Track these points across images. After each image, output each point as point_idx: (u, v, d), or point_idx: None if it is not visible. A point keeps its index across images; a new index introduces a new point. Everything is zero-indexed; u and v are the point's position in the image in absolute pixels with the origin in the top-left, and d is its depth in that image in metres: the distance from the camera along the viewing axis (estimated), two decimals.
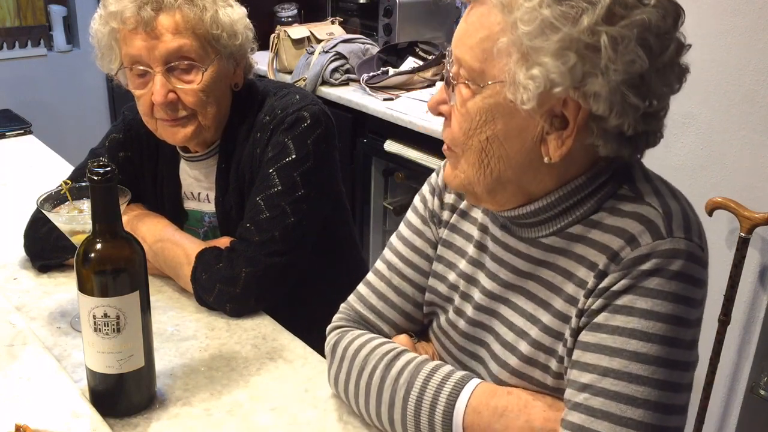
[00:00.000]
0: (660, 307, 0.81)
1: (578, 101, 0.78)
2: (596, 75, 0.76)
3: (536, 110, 0.80)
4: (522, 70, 0.78)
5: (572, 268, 0.88)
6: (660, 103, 0.82)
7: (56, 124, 3.68)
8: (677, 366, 0.82)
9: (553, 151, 0.82)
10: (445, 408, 0.92)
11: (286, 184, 1.32)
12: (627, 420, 0.80)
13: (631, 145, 0.84)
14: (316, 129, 1.35)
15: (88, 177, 0.93)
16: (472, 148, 0.86)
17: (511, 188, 0.88)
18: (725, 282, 1.76)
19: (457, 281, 1.02)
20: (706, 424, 1.89)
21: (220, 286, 1.28)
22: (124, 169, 1.46)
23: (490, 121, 0.83)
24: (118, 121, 1.54)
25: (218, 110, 1.36)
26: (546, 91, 0.77)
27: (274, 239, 1.30)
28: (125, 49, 1.30)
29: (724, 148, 1.78)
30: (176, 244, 1.36)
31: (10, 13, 3.69)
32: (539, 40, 0.76)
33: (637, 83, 0.78)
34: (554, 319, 0.90)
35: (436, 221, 1.06)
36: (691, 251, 0.82)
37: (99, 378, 1.02)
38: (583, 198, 0.87)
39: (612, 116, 0.79)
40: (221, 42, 1.31)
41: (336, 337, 1.07)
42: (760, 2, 1.65)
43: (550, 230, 0.90)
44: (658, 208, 0.84)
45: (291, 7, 3.45)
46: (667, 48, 0.79)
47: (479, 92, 0.83)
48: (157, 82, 1.28)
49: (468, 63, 0.83)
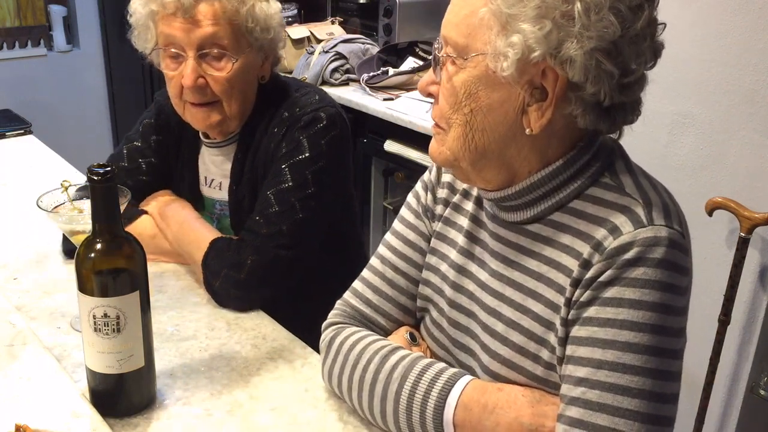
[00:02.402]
0: (648, 296, 0.83)
1: (555, 69, 0.82)
2: (571, 41, 0.80)
3: (517, 80, 0.83)
4: (502, 39, 0.82)
5: (558, 257, 0.90)
6: (635, 74, 0.84)
7: (56, 124, 3.68)
8: (667, 354, 0.84)
9: (534, 122, 0.86)
10: (436, 403, 0.93)
11: (297, 181, 1.35)
12: (624, 411, 0.82)
13: (608, 117, 0.87)
14: (331, 130, 1.38)
15: (88, 177, 0.94)
16: (457, 121, 0.89)
17: (495, 162, 0.91)
18: (725, 282, 1.76)
19: (448, 271, 1.04)
20: (706, 424, 1.89)
21: (226, 271, 1.31)
22: (157, 152, 1.54)
23: (474, 93, 0.87)
24: (150, 107, 1.59)
25: (243, 101, 1.41)
26: (524, 57, 0.81)
27: (281, 233, 1.32)
28: (162, 28, 1.33)
29: (724, 148, 1.78)
30: (195, 230, 1.41)
31: (10, 13, 3.69)
32: (517, 8, 0.81)
33: (611, 50, 0.81)
34: (545, 309, 0.91)
35: (429, 215, 1.08)
36: (672, 238, 0.84)
37: (99, 378, 1.02)
38: (565, 180, 0.90)
39: (588, 84, 0.82)
40: (254, 35, 1.35)
41: (332, 334, 1.08)
42: (760, 2, 1.65)
43: (533, 213, 0.92)
44: (638, 198, 0.87)
45: (291, 7, 3.45)
46: (639, 18, 0.82)
47: (464, 66, 0.87)
48: (188, 66, 1.32)
49: (453, 39, 0.88)
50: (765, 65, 1.67)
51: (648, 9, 0.83)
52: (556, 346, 0.90)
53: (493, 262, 0.97)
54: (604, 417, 0.82)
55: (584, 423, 0.83)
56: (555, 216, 0.91)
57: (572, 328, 0.87)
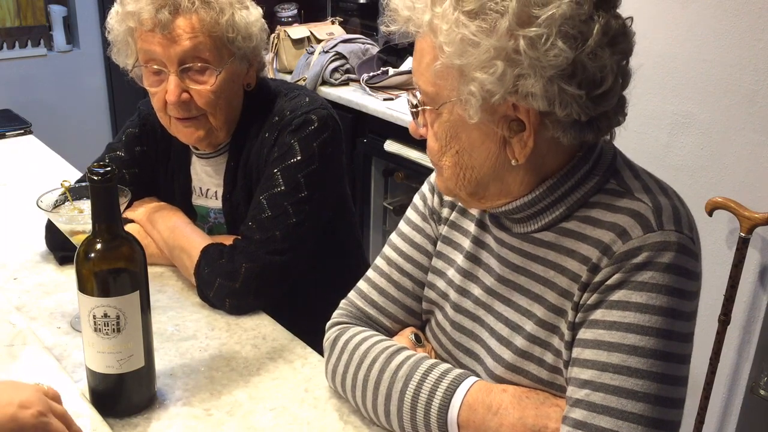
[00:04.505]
0: (655, 300, 0.82)
1: (520, 104, 0.81)
2: (526, 76, 0.79)
3: (490, 119, 0.84)
4: (463, 86, 0.82)
5: (564, 262, 0.90)
6: (605, 84, 0.82)
7: (56, 124, 3.67)
8: (674, 359, 0.83)
9: (519, 152, 0.86)
10: (441, 403, 0.93)
11: (289, 185, 1.33)
12: (628, 414, 0.81)
13: (591, 128, 0.85)
14: (323, 132, 1.36)
15: (88, 177, 0.94)
16: (447, 162, 0.91)
17: (492, 189, 0.92)
18: (725, 282, 1.76)
19: (454, 276, 1.03)
20: (706, 424, 1.89)
21: (220, 281, 1.29)
22: (140, 163, 1.51)
23: (455, 136, 0.89)
24: (134, 116, 1.56)
25: (229, 111, 1.38)
26: (486, 102, 0.81)
27: (274, 238, 1.31)
28: (141, 46, 1.31)
29: (724, 148, 1.77)
30: (185, 237, 1.38)
31: (10, 13, 3.68)
32: (466, 57, 0.80)
33: (571, 72, 0.79)
34: (548, 313, 0.91)
35: (435, 218, 1.08)
36: (682, 243, 0.83)
37: (99, 378, 1.02)
38: (568, 190, 0.90)
39: (557, 109, 0.81)
40: (236, 44, 1.33)
41: (336, 333, 1.08)
42: (760, 2, 1.65)
43: (540, 224, 0.92)
44: (648, 202, 0.86)
45: (291, 7, 3.45)
46: (591, 32, 0.79)
47: (438, 114, 0.88)
48: (171, 82, 1.30)
49: (423, 88, 0.89)
50: (765, 65, 1.67)
51: (600, 18, 0.79)
52: (562, 350, 0.89)
53: (499, 267, 0.97)
54: (607, 420, 0.82)
55: (588, 425, 0.83)
56: (561, 223, 0.91)
57: (578, 331, 0.87)
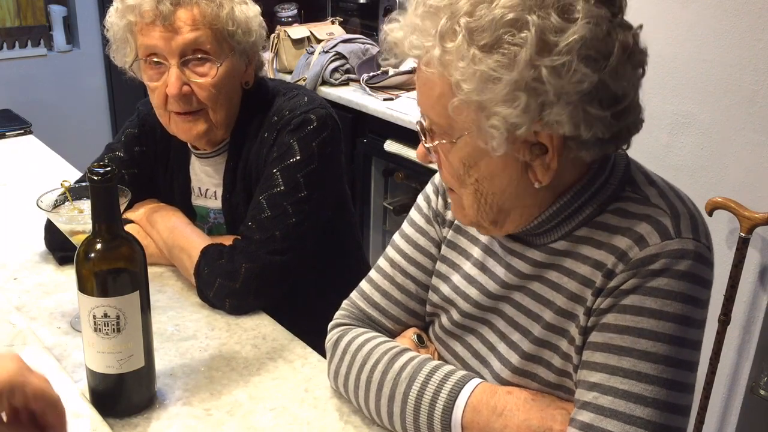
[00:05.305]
0: (669, 306, 0.82)
1: (544, 132, 0.80)
2: (551, 104, 0.77)
3: (512, 148, 0.82)
4: (483, 120, 0.80)
5: (576, 267, 0.89)
6: (626, 99, 0.81)
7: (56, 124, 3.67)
8: (684, 366, 0.83)
9: (542, 175, 0.84)
10: (444, 405, 0.93)
11: (288, 185, 1.33)
12: (636, 419, 0.81)
13: (613, 143, 0.85)
14: (322, 132, 1.36)
15: (88, 177, 0.93)
16: (467, 192, 0.89)
17: (515, 214, 0.90)
18: (725, 282, 1.76)
19: (461, 282, 1.02)
20: (706, 424, 1.89)
21: (220, 281, 1.29)
22: (140, 163, 1.51)
23: (474, 165, 0.86)
24: (133, 116, 1.56)
25: (229, 108, 1.38)
26: (511, 134, 0.79)
27: (274, 238, 1.31)
28: (141, 40, 1.31)
29: (724, 148, 1.77)
30: (185, 237, 1.38)
31: (10, 13, 3.68)
32: (486, 93, 0.77)
33: (594, 95, 0.78)
34: (556, 316, 0.90)
35: (440, 221, 1.07)
36: (699, 252, 0.83)
37: (99, 378, 1.02)
38: (586, 201, 0.88)
39: (582, 131, 0.79)
40: (236, 38, 1.33)
41: (338, 334, 1.08)
42: (760, 2, 1.65)
43: (557, 235, 0.91)
44: (666, 209, 0.85)
45: (291, 7, 3.45)
46: (611, 53, 0.78)
47: (454, 145, 0.85)
48: (172, 75, 1.30)
49: (434, 120, 0.86)
50: (765, 65, 1.67)
51: (618, 32, 0.78)
52: (572, 354, 0.89)
53: (509, 275, 0.96)
54: (615, 423, 0.82)
55: (595, 428, 0.82)
56: (577, 231, 0.90)
57: (590, 335, 0.86)
